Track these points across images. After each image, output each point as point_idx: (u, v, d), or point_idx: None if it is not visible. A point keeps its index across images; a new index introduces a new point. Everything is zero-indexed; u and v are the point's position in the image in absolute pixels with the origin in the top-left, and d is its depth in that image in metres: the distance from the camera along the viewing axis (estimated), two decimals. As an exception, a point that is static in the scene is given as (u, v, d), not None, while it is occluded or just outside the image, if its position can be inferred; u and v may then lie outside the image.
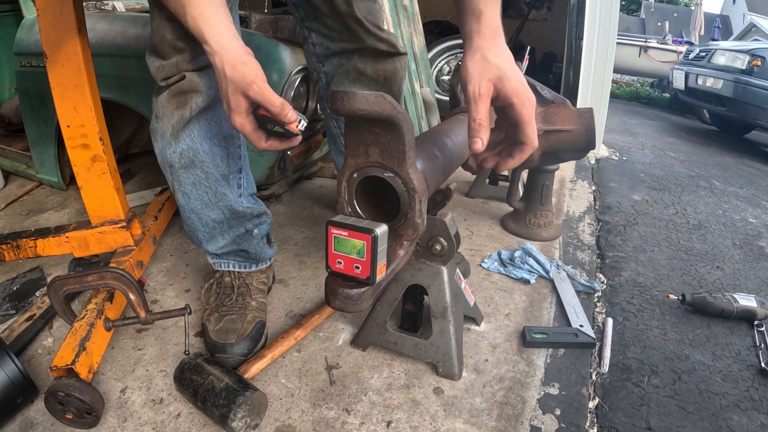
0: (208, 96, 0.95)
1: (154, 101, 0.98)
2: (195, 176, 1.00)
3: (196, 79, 0.93)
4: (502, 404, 0.96)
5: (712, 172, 3.10)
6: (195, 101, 0.94)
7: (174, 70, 0.92)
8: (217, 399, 0.84)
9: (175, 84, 0.93)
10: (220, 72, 0.75)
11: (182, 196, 1.03)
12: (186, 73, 0.92)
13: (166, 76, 0.92)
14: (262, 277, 1.20)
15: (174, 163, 0.98)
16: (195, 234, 1.10)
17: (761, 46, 4.24)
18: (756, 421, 1.01)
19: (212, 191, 1.03)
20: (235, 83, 0.74)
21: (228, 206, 1.06)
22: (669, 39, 8.67)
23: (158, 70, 0.92)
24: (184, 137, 0.96)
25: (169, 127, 0.95)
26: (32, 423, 0.88)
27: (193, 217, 1.06)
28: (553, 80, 3.88)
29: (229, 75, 0.74)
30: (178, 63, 0.91)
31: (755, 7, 14.32)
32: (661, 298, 1.44)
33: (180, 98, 0.94)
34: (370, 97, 0.65)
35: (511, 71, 0.71)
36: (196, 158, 0.98)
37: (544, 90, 1.42)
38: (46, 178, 1.89)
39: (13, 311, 1.20)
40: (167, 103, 0.94)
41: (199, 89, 0.93)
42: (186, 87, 0.93)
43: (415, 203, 0.76)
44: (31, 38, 1.66)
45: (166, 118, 0.95)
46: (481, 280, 1.39)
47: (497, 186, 1.97)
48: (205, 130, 0.98)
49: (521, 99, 0.71)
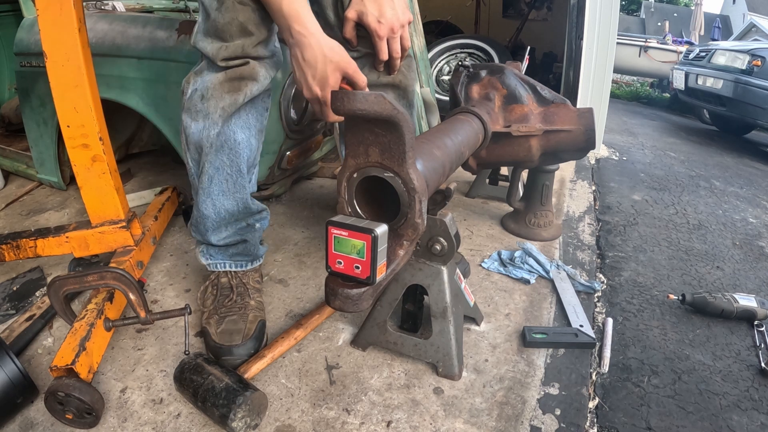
0: (262, 86, 1.01)
1: (195, 80, 1.01)
2: (221, 161, 1.04)
3: (258, 68, 0.98)
4: (502, 404, 0.96)
5: (712, 172, 3.10)
6: (250, 88, 0.99)
7: (239, 51, 0.95)
8: (217, 399, 0.83)
9: (234, 68, 0.97)
10: (315, 51, 0.89)
11: (207, 179, 1.06)
12: (249, 59, 0.97)
13: (229, 57, 0.95)
14: (257, 276, 1.21)
15: (212, 143, 1.02)
16: (204, 223, 1.11)
17: (761, 46, 4.24)
18: (756, 421, 1.01)
19: (232, 180, 1.06)
20: (336, 62, 0.91)
21: (243, 199, 1.09)
22: (669, 39, 8.68)
23: (220, 50, 0.95)
24: (225, 122, 1.00)
25: (219, 109, 0.99)
26: (32, 423, 0.88)
27: (207, 203, 1.08)
28: (553, 80, 3.88)
29: (328, 54, 0.90)
30: (244, 45, 0.95)
31: (755, 7, 14.33)
32: (661, 298, 1.44)
33: (236, 83, 0.98)
34: (370, 97, 0.65)
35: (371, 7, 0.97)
36: (226, 144, 1.02)
37: (544, 90, 1.43)
38: (46, 178, 1.89)
39: (13, 311, 1.20)
40: (220, 86, 0.98)
41: (257, 78, 0.99)
42: (246, 73, 0.97)
43: (415, 203, 0.76)
44: (31, 38, 1.66)
45: (215, 99, 0.98)
46: (481, 280, 1.39)
47: (497, 186, 1.97)
48: (244, 120, 1.03)
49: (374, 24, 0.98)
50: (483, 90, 1.44)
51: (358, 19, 1.01)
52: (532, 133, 1.37)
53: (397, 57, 1.06)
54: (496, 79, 1.43)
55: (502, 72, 1.43)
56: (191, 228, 1.16)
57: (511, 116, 1.39)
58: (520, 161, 1.46)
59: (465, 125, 1.17)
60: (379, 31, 1.00)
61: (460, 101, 1.44)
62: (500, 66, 1.44)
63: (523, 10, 4.51)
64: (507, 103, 1.41)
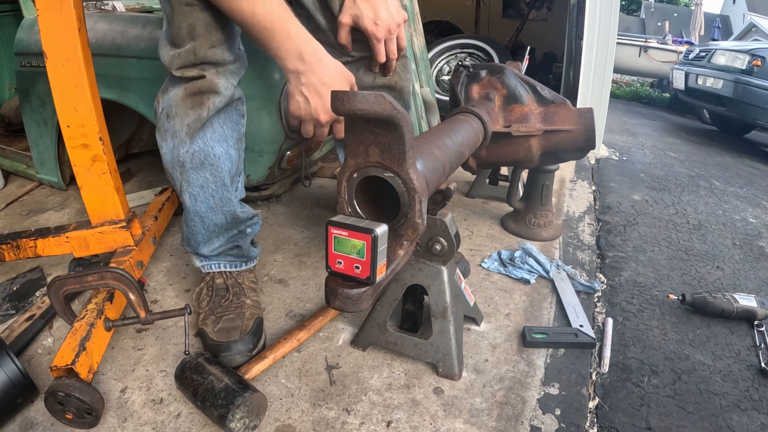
0: (225, 97, 0.95)
1: (162, 99, 0.97)
2: (204, 178, 1.00)
3: (216, 80, 0.93)
4: (502, 404, 0.96)
5: (712, 172, 3.10)
6: (213, 102, 0.94)
7: (191, 57, 0.91)
8: (216, 399, 0.83)
9: (192, 82, 0.93)
10: (331, 71, 0.90)
11: (189, 198, 1.03)
12: (206, 73, 0.92)
13: (182, 65, 0.91)
14: (251, 277, 1.20)
15: (186, 162, 0.98)
16: (194, 237, 1.11)
17: (761, 46, 4.24)
18: (756, 421, 1.01)
19: (218, 195, 1.03)
20: (347, 77, 0.94)
21: (231, 211, 1.07)
22: (669, 39, 8.68)
23: (174, 58, 0.91)
24: (198, 138, 0.96)
25: (184, 126, 0.95)
26: (32, 423, 0.88)
27: (196, 220, 1.07)
28: (553, 80, 3.88)
29: (341, 72, 0.93)
30: (195, 49, 0.90)
31: (755, 7, 14.33)
32: (661, 298, 1.44)
33: (197, 98, 0.93)
34: (370, 97, 0.65)
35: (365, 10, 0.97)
36: (207, 160, 0.98)
37: (544, 90, 1.43)
38: (46, 178, 1.89)
39: (13, 311, 1.20)
40: (181, 102, 0.94)
41: (218, 90, 0.94)
42: (205, 87, 0.93)
43: (415, 203, 0.75)
44: (31, 38, 1.66)
45: (179, 117, 0.95)
46: (481, 280, 1.39)
47: (497, 186, 1.97)
48: (219, 133, 0.98)
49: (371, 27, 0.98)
50: (483, 90, 1.44)
51: (354, 23, 0.99)
52: (532, 133, 1.37)
53: (393, 58, 1.05)
54: (496, 79, 1.43)
55: (502, 72, 1.43)
56: (183, 243, 1.16)
57: (511, 116, 1.39)
58: (520, 161, 1.46)
59: (465, 125, 1.17)
60: (377, 33, 0.98)
61: (460, 101, 1.44)
62: (500, 66, 1.44)
63: (523, 10, 4.51)
64: (507, 103, 1.41)
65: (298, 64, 0.88)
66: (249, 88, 1.44)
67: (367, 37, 1.00)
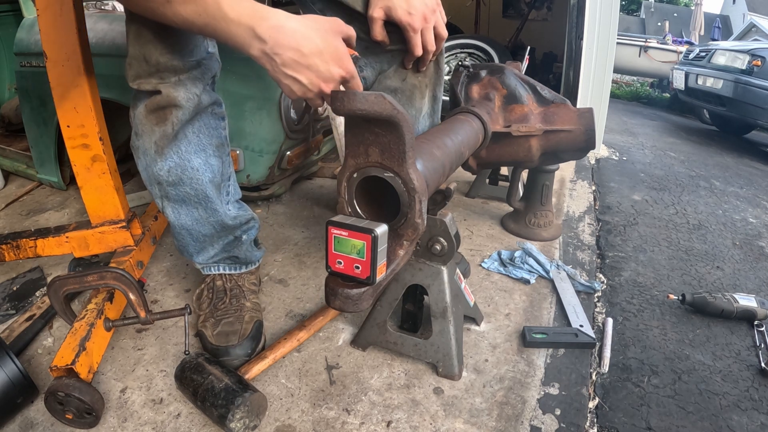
0: (188, 109, 0.90)
1: (132, 116, 0.94)
2: (184, 193, 0.98)
3: (173, 93, 0.88)
4: (502, 404, 0.96)
5: (712, 172, 3.10)
6: (176, 116, 0.90)
7: (143, 65, 0.86)
8: (216, 399, 0.83)
9: (151, 97, 0.89)
10: (303, 31, 0.71)
11: (172, 212, 1.02)
12: (161, 87, 0.87)
13: (136, 75, 0.87)
14: (253, 278, 1.20)
15: (162, 180, 0.96)
16: (186, 248, 1.10)
17: (761, 46, 4.24)
18: (756, 421, 1.01)
19: (202, 207, 1.01)
20: (330, 26, 0.74)
21: (218, 221, 1.04)
22: (669, 39, 8.68)
23: (128, 69, 0.87)
24: (171, 154, 0.93)
25: (152, 144, 0.92)
26: (32, 423, 0.88)
27: (183, 233, 1.06)
28: (553, 80, 3.87)
29: (317, 24, 0.73)
30: (146, 55, 0.84)
31: (755, 7, 14.33)
32: (661, 298, 1.44)
33: (158, 114, 0.90)
34: (370, 97, 0.65)
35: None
36: (184, 175, 0.95)
37: (544, 90, 1.43)
38: (46, 178, 1.89)
39: (13, 311, 1.20)
40: (145, 120, 0.91)
41: (178, 103, 0.89)
42: (163, 102, 0.88)
43: (415, 203, 0.75)
44: (31, 38, 1.66)
45: (146, 135, 0.92)
46: (481, 280, 1.39)
47: (497, 186, 1.97)
48: (195, 143, 0.95)
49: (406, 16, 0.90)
50: (483, 90, 1.44)
51: (386, 16, 0.91)
52: (532, 133, 1.37)
53: (431, 50, 0.96)
54: (496, 79, 1.43)
55: (502, 72, 1.43)
56: (178, 251, 1.15)
57: (511, 116, 1.39)
58: (520, 161, 1.46)
59: (465, 125, 1.17)
60: (413, 23, 0.90)
61: (460, 101, 1.44)
62: (500, 66, 1.44)
63: (523, 10, 4.51)
64: (507, 103, 1.41)
65: (257, 44, 0.71)
66: (249, 88, 1.45)
67: (402, 29, 0.92)
